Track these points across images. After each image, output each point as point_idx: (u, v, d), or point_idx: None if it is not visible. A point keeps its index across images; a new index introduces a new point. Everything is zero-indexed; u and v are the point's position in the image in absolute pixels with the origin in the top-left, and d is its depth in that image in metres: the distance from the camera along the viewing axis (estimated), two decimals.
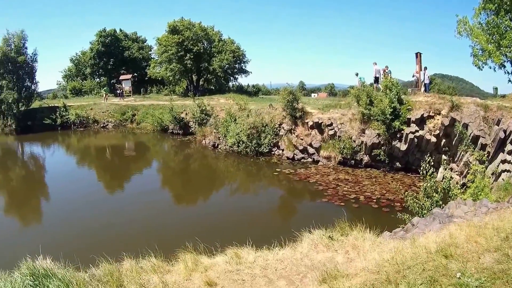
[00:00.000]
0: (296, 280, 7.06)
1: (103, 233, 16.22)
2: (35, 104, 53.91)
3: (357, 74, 30.03)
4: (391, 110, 21.02)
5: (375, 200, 17.08)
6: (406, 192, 12.68)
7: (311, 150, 24.56)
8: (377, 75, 28.66)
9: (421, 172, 12.78)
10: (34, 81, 52.90)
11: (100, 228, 16.83)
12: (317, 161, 24.12)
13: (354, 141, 22.40)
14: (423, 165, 12.55)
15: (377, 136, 21.37)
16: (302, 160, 24.99)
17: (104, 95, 52.57)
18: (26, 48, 51.41)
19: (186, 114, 38.34)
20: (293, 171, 23.00)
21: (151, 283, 7.61)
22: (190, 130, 37.26)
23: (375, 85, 27.88)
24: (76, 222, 17.76)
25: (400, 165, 21.56)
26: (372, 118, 21.88)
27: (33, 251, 8.49)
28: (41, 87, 60.89)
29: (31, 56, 51.89)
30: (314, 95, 33.06)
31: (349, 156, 22.62)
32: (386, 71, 27.89)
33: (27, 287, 7.24)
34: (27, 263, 7.83)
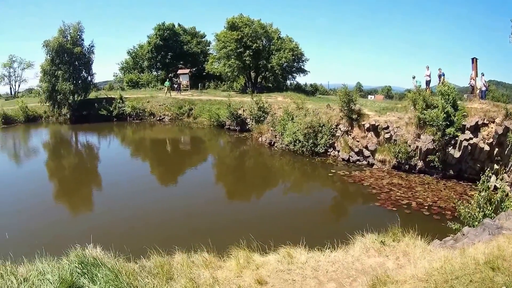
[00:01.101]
0: (345, 283, 7.47)
1: (155, 226, 17.03)
2: (91, 94, 57.01)
3: (414, 77, 30.37)
4: (446, 115, 21.13)
5: (426, 207, 17.06)
6: (459, 201, 12.66)
7: (366, 153, 24.90)
8: (429, 79, 28.99)
9: (479, 184, 12.56)
10: (91, 72, 56.26)
11: (153, 220, 17.72)
12: (372, 164, 24.43)
13: (409, 146, 22.57)
14: (483, 177, 12.46)
15: (432, 142, 21.47)
16: (357, 162, 25.25)
17: (166, 88, 54.62)
18: (82, 39, 54.39)
19: (243, 110, 39.51)
20: (347, 173, 23.24)
21: (202, 278, 8.14)
22: (247, 127, 38.44)
23: (426, 88, 27.99)
24: (128, 213, 18.88)
25: (452, 173, 21.48)
26: (427, 123, 21.97)
27: (83, 240, 9.34)
28: (97, 79, 64.41)
29: (87, 48, 55.03)
30: (371, 97, 33.52)
31: (403, 161, 22.73)
32: (440, 74, 27.79)
33: (74, 274, 7.74)
34: (76, 251, 8.54)
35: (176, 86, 57.38)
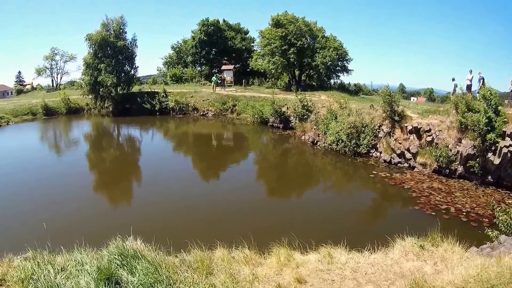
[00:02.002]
0: (383, 286, 7.63)
1: (197, 220, 17.35)
2: (135, 88, 58.63)
3: (453, 79, 30.47)
4: (487, 120, 20.77)
5: (464, 213, 17.02)
6: (498, 208, 12.54)
7: (408, 155, 24.92)
8: (470, 83, 28.80)
9: None
10: (134, 66, 57.80)
11: (194, 215, 18.13)
12: (413, 167, 24.36)
13: (450, 150, 22.43)
14: None
15: (472, 147, 21.34)
16: (399, 164, 25.25)
17: (213, 84, 55.68)
18: (125, 33, 56.07)
19: (287, 108, 40.13)
20: (389, 175, 23.29)
21: (241, 274, 8.38)
22: (290, 125, 38.93)
23: (467, 92, 27.35)
24: (169, 207, 19.32)
25: (491, 179, 21.06)
26: (469, 127, 21.74)
27: (123, 231, 9.67)
28: (141, 72, 66.16)
29: (130, 41, 56.71)
30: (413, 99, 33.72)
31: (444, 165, 22.60)
32: (480, 78, 27.59)
33: (113, 266, 8.02)
34: (116, 242, 8.86)
35: (220, 81, 58.28)
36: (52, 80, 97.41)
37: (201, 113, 51.89)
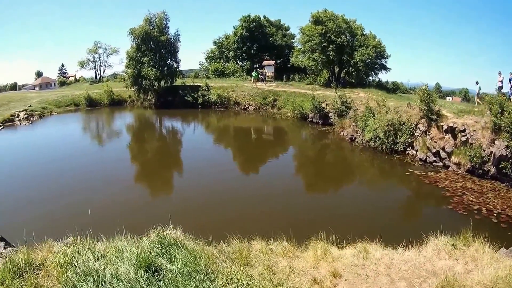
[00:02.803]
0: (415, 283, 7.65)
1: (236, 212, 17.62)
2: (177, 82, 59.71)
3: (477, 83, 30.65)
4: None
5: (495, 214, 16.87)
6: None
7: (443, 154, 24.79)
8: (501, 85, 28.44)
9: None
10: (176, 60, 58.94)
11: (234, 206, 18.37)
12: (447, 166, 24.24)
13: (484, 151, 22.25)
14: None
15: (505, 148, 21.04)
16: (434, 163, 25.18)
17: (253, 79, 56.25)
18: (168, 28, 57.20)
19: (326, 104, 40.26)
20: (424, 173, 23.24)
21: (279, 266, 8.45)
22: (330, 121, 39.03)
23: (500, 94, 26.62)
24: (209, 198, 19.59)
25: None
26: (502, 128, 21.52)
27: (162, 221, 9.73)
28: (183, 66, 67.08)
29: (173, 36, 57.85)
30: (449, 99, 33.64)
31: (477, 165, 22.41)
32: (510, 77, 27.50)
33: (153, 254, 8.08)
34: (157, 231, 9.05)
35: (261, 77, 58.65)
36: (95, 73, 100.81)
37: (242, 107, 52.48)
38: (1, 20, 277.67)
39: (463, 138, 23.93)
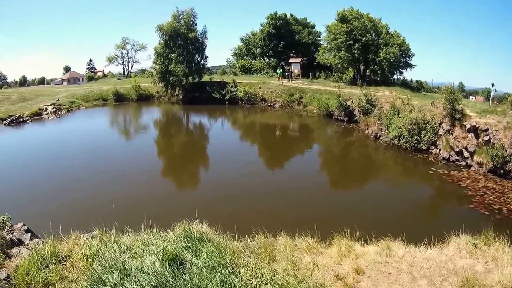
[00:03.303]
0: (436, 282, 7.69)
1: (262, 207, 17.80)
2: (204, 78, 60.34)
3: (493, 85, 30.64)
4: None
5: None
6: None
7: (465, 154, 24.71)
8: None
9: None
10: (204, 56, 59.71)
11: (259, 202, 18.61)
12: (470, 166, 24.18)
13: (506, 151, 22.16)
14: None
15: None
16: (456, 162, 25.11)
17: (278, 76, 56.50)
18: (196, 24, 57.98)
19: (352, 102, 40.50)
20: (446, 172, 23.21)
21: (303, 261, 8.56)
22: (355, 118, 39.16)
23: None
24: (234, 193, 19.87)
25: None
26: None
27: (188, 215, 9.92)
28: (210, 63, 67.56)
29: (201, 33, 58.63)
30: (472, 98, 33.50)
31: (499, 165, 22.31)
32: None
33: (178, 248, 8.17)
34: (183, 225, 9.21)
35: (287, 74, 58.76)
36: (123, 68, 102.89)
37: (269, 104, 52.80)
38: (30, 15, 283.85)
39: (486, 138, 23.90)
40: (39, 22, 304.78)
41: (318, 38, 72.90)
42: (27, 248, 8.82)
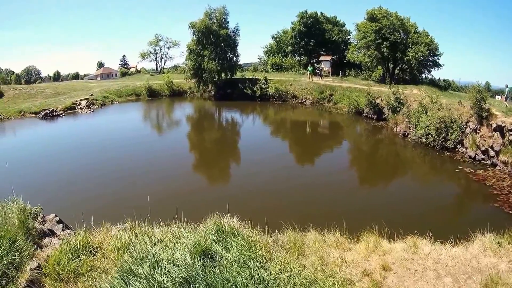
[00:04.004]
0: (461, 279, 7.65)
1: (292, 202, 18.10)
2: (237, 75, 61.78)
3: (506, 86, 31.03)
4: None
5: None
6: None
7: (491, 153, 24.69)
8: None
9: None
10: (236, 54, 61.12)
11: (289, 197, 18.88)
12: (495, 165, 24.16)
13: None
14: None
15: None
16: (482, 161, 25.11)
17: (309, 73, 57.27)
18: (228, 22, 59.28)
19: (381, 100, 40.79)
20: (472, 171, 23.29)
21: (331, 257, 8.53)
22: (383, 116, 39.35)
23: None
24: (264, 188, 20.30)
25: None
26: None
27: (219, 209, 9.87)
28: (242, 60, 69.19)
29: (233, 31, 59.99)
30: (498, 97, 33.53)
31: None
32: None
33: (209, 241, 8.18)
34: (214, 219, 9.16)
35: (318, 72, 59.28)
36: (156, 64, 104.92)
37: (300, 101, 53.57)
38: (65, 12, 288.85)
39: (511, 137, 24.06)
40: (74, 19, 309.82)
41: (348, 37, 73.35)
42: (58, 238, 9.00)
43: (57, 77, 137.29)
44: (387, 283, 7.72)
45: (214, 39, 57.66)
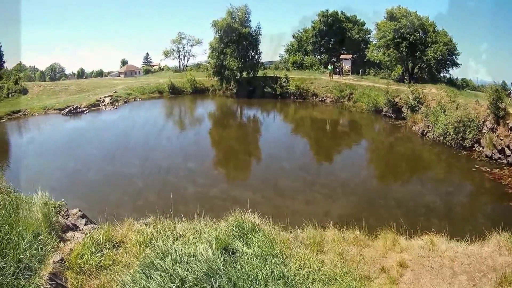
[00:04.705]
0: (476, 278, 7.61)
1: (312, 198, 18.27)
2: (259, 73, 61.78)
3: (511, 84, 30.76)
4: None
5: None
6: None
7: (508, 152, 24.62)
8: None
9: None
10: (258, 52, 61.17)
11: (311, 193, 19.07)
12: (511, 164, 24.16)
13: None
14: None
15: None
16: (499, 160, 25.02)
17: (329, 72, 57.32)
18: (249, 21, 59.64)
19: (400, 99, 40.72)
20: (489, 169, 23.29)
21: (349, 254, 8.64)
22: (402, 115, 39.14)
23: None
24: (284, 185, 20.46)
25: None
26: None
27: (241, 205, 9.92)
28: (263, 58, 69.07)
29: (255, 29, 60.23)
30: None
31: None
32: None
33: (230, 236, 8.29)
34: (235, 215, 9.21)
35: (338, 70, 59.43)
36: (179, 62, 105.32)
37: (320, 99, 53.69)
38: (89, 10, 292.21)
39: None
40: (98, 17, 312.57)
41: (368, 36, 73.48)
42: (81, 232, 9.18)
43: (81, 74, 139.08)
44: (403, 280, 7.86)
45: (236, 37, 58.19)
